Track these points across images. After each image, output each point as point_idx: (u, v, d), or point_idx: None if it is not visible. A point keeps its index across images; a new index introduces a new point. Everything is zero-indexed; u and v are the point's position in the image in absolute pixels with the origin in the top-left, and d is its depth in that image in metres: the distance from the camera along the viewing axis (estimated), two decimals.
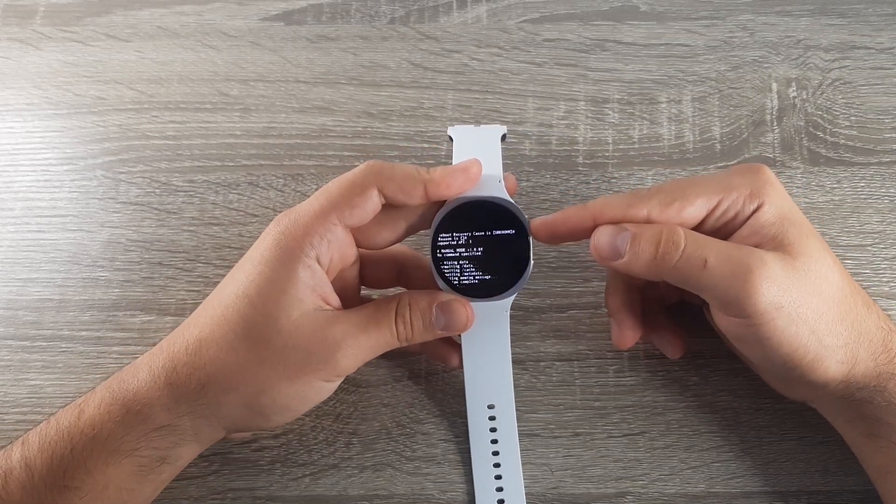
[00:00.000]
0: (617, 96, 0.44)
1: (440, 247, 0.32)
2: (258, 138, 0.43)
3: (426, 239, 0.33)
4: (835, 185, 0.41)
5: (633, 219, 0.31)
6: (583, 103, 0.43)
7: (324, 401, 0.34)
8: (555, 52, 0.45)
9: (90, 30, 0.46)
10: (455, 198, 0.32)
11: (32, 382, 0.38)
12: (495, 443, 0.35)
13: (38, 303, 0.40)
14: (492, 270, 0.32)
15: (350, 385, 0.38)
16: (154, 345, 0.32)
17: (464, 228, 0.32)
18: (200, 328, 0.31)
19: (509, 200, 0.32)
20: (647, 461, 0.36)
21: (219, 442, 0.33)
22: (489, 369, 0.34)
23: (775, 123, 0.43)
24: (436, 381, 0.38)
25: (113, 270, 0.40)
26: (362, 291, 0.36)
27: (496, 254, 0.32)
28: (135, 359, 0.32)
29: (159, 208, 0.42)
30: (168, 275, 0.40)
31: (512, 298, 0.33)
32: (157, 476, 0.31)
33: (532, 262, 0.32)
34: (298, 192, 0.42)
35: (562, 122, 0.43)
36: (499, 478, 0.35)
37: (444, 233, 0.32)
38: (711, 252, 0.29)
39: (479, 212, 0.32)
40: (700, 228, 0.32)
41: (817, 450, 0.36)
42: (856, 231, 0.40)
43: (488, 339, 0.33)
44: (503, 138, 0.34)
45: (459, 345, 0.34)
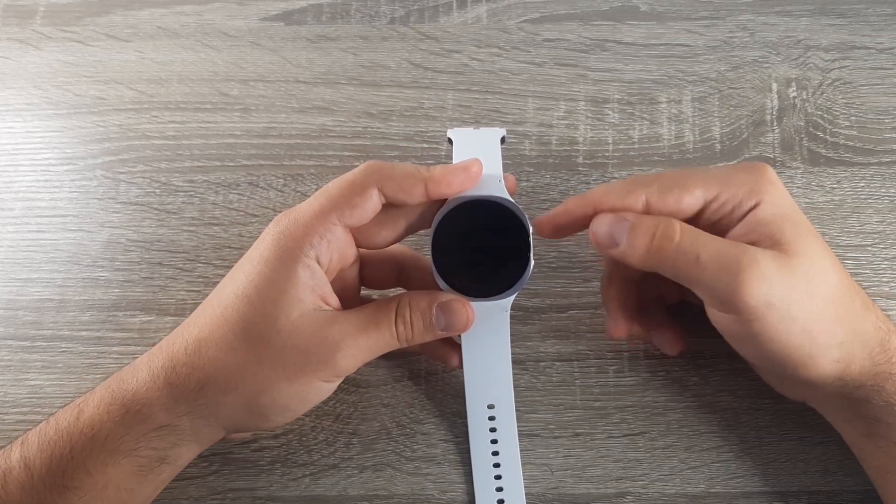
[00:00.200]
0: (617, 96, 0.44)
1: (440, 247, 0.32)
2: (258, 138, 0.43)
3: (426, 239, 0.33)
4: (835, 186, 0.41)
5: (631, 205, 0.31)
6: (583, 103, 0.43)
7: (324, 401, 0.34)
8: (555, 52, 0.45)
9: (90, 30, 0.46)
10: (455, 197, 0.32)
11: (32, 382, 0.38)
12: (495, 443, 0.35)
13: (38, 303, 0.40)
14: (492, 270, 0.32)
15: (350, 385, 0.38)
16: (154, 345, 0.32)
17: (464, 228, 0.32)
18: (200, 328, 0.31)
19: (510, 200, 0.32)
20: (647, 461, 0.36)
21: (219, 442, 0.33)
22: (489, 369, 0.34)
23: (775, 123, 0.43)
24: (436, 381, 0.38)
25: (113, 270, 0.40)
26: (362, 292, 0.36)
27: (496, 253, 0.32)
28: (134, 359, 0.32)
29: (159, 208, 0.42)
30: (168, 275, 0.40)
31: (512, 298, 0.33)
32: (157, 476, 0.31)
33: (532, 262, 0.32)
34: (298, 192, 0.42)
35: (562, 122, 0.43)
36: (499, 478, 0.35)
37: (444, 232, 0.32)
38: (705, 247, 0.29)
39: (480, 211, 0.32)
40: (697, 219, 0.32)
41: (817, 450, 0.36)
42: (856, 231, 0.40)
43: (488, 340, 0.33)
44: (502, 140, 0.34)
45: (459, 345, 0.34)
